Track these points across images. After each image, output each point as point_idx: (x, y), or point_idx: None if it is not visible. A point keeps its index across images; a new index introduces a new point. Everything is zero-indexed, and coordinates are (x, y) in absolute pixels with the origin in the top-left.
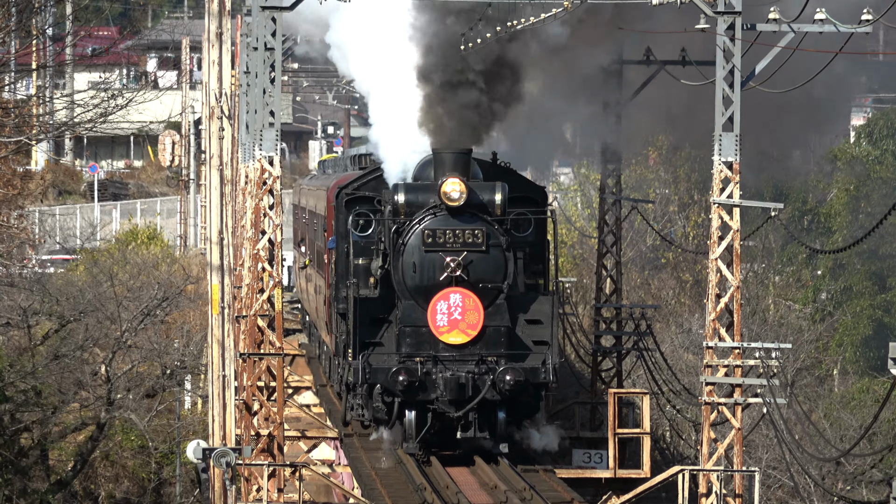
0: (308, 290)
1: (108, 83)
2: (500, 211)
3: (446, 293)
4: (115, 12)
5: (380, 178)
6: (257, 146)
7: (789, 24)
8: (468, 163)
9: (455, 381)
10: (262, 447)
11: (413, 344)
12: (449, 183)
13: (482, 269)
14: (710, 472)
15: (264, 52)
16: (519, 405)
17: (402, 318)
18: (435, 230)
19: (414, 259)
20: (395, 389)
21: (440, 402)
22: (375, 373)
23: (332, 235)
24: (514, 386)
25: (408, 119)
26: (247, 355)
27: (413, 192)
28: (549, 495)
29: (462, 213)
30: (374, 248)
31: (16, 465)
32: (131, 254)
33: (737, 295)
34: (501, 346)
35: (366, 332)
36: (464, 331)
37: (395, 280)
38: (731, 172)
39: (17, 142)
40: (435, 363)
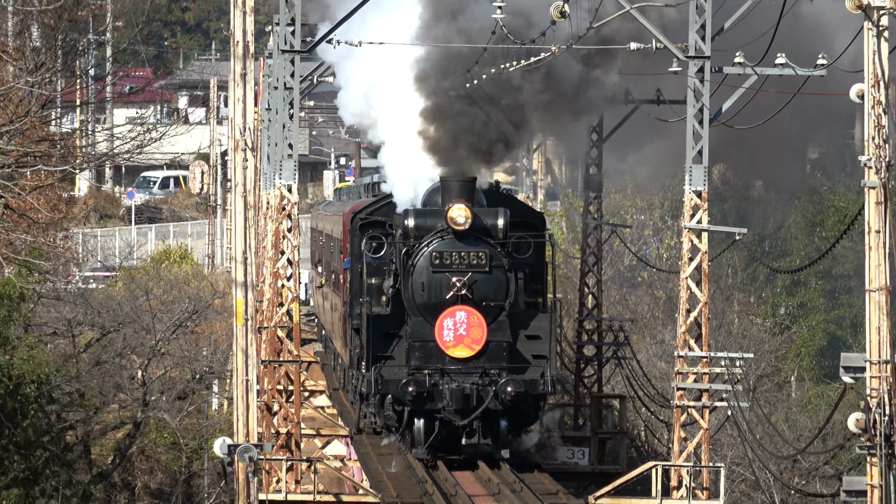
0: (325, 306)
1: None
2: (503, 235)
3: (452, 310)
4: (149, 55)
5: (391, 204)
6: (277, 175)
7: (752, 67)
8: (473, 190)
9: (460, 392)
10: (282, 444)
11: (422, 357)
12: (455, 209)
13: (486, 288)
14: (681, 467)
15: (284, 91)
16: (519, 414)
17: (412, 333)
18: (442, 252)
19: (423, 279)
20: (405, 399)
21: (447, 411)
22: (387, 384)
23: (347, 257)
24: (515, 397)
25: (416, 150)
26: (267, 362)
27: (422, 217)
28: (537, 487)
29: (467, 237)
30: (386, 269)
31: (62, 459)
32: (165, 271)
33: (705, 310)
34: (503, 360)
35: (378, 346)
36: (468, 345)
37: (405, 298)
38: (700, 200)
39: (63, 170)
40: (442, 375)
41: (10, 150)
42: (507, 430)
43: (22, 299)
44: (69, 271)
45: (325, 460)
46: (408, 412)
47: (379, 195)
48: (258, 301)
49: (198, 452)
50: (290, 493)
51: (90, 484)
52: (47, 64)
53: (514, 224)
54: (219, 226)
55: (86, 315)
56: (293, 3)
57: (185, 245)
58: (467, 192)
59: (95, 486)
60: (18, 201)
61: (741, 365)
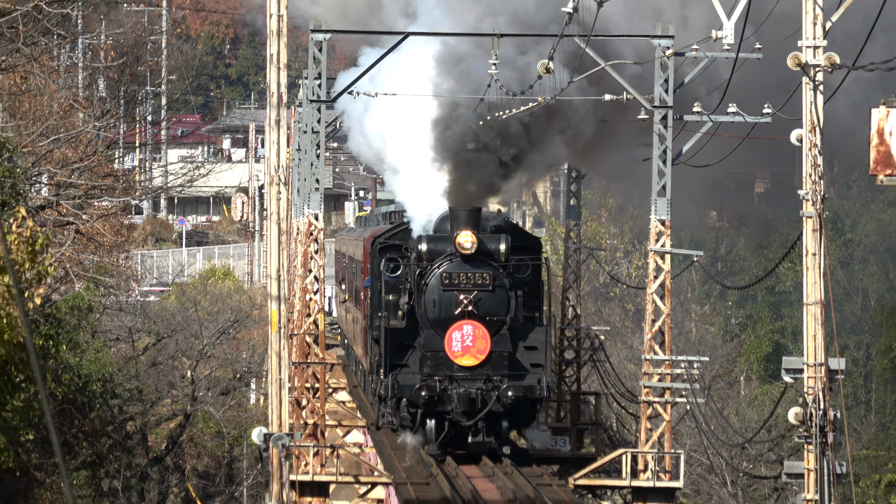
0: (347, 319)
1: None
2: (504, 258)
3: (460, 324)
4: (198, 104)
5: (406, 230)
6: (306, 205)
7: (709, 115)
8: (478, 218)
9: (467, 396)
10: (309, 433)
11: (433, 365)
12: (462, 235)
13: (489, 305)
14: (647, 453)
15: (311, 134)
16: (519, 416)
17: (424, 344)
18: (451, 273)
19: (434, 296)
20: (418, 402)
21: (455, 413)
22: (402, 389)
23: (368, 276)
24: (515, 400)
25: (429, 183)
26: (297, 364)
27: (433, 242)
28: (525, 470)
29: (473, 260)
30: (402, 287)
31: (123, 446)
32: (210, 287)
33: (667, 320)
34: (505, 368)
35: (395, 355)
36: (474, 355)
37: (418, 313)
38: (663, 227)
39: (125, 202)
40: (450, 381)
41: (80, 183)
42: (508, 430)
43: (90, 310)
44: (130, 287)
45: (345, 447)
46: (420, 413)
47: (395, 223)
48: (289, 312)
49: (238, 440)
50: (315, 474)
51: (147, 466)
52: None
53: (514, 248)
54: (256, 248)
55: (143, 323)
56: (319, 60)
57: (228, 265)
58: (473, 220)
59: (151, 468)
60: (87, 227)
61: (698, 367)
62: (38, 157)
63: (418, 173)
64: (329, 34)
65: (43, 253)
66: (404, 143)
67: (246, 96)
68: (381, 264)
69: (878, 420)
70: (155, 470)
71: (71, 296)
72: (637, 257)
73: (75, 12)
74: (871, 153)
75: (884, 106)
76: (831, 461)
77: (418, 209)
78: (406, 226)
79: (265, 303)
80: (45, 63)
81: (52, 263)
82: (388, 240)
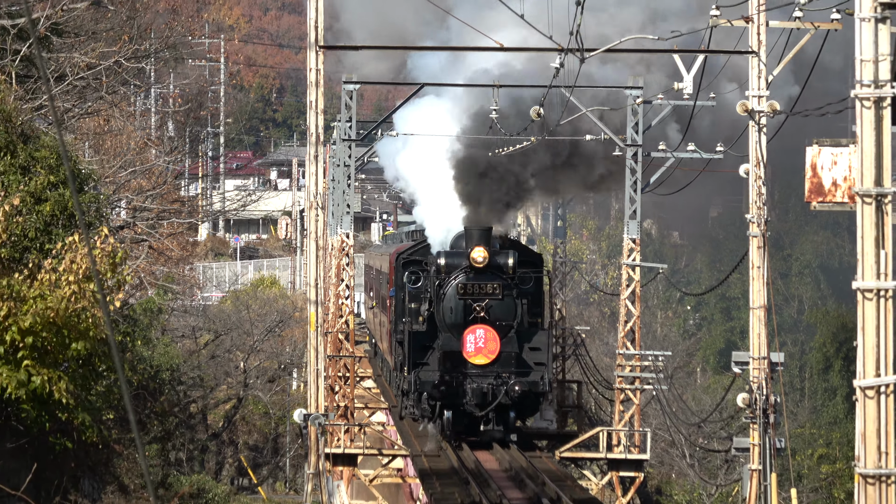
0: (374, 322)
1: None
2: (512, 271)
3: (474, 328)
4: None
5: (426, 247)
6: (339, 226)
7: (671, 152)
8: (489, 236)
9: (479, 391)
10: (341, 413)
11: (450, 364)
12: (476, 251)
13: (499, 311)
14: (619, 431)
15: (343, 167)
16: (524, 408)
17: (442, 345)
18: (466, 284)
19: (451, 304)
20: (437, 396)
21: (468, 405)
22: (423, 384)
23: (393, 287)
24: (521, 394)
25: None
26: (331, 356)
27: (450, 257)
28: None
29: (485, 273)
30: (423, 296)
31: (187, 423)
32: (260, 293)
33: (637, 322)
34: (512, 366)
35: (416, 355)
36: (486, 355)
37: (437, 319)
38: (634, 245)
39: (190, 223)
40: (465, 378)
41: (152, 207)
42: (515, 420)
43: (160, 312)
44: (193, 293)
45: (371, 425)
46: (439, 406)
47: (416, 241)
48: (325, 314)
49: (282, 419)
50: (346, 448)
51: (206, 441)
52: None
53: (520, 262)
54: (298, 261)
55: (204, 323)
56: (350, 106)
57: (274, 275)
58: (485, 238)
59: (210, 442)
60: (158, 244)
61: (662, 360)
62: (117, 186)
63: (437, 198)
64: (358, 85)
65: (122, 265)
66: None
67: (289, 136)
68: (405, 276)
69: (811, 404)
70: (213, 444)
71: (144, 300)
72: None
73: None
74: (805, 184)
75: (816, 144)
76: (772, 438)
77: (437, 229)
78: (425, 243)
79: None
80: (124, 108)
81: (129, 273)
82: (411, 255)
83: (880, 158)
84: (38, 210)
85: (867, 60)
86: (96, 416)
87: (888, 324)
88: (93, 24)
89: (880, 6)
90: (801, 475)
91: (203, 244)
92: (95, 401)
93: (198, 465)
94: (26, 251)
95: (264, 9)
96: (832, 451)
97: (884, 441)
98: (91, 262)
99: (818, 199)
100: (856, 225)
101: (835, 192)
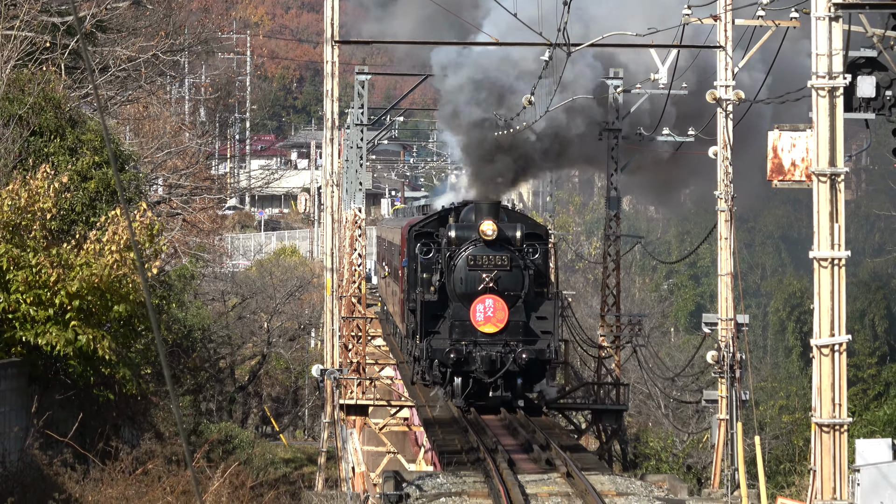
0: (387, 292)
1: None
2: (520, 243)
3: (483, 298)
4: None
5: (435, 220)
6: (353, 201)
7: (649, 135)
8: (498, 210)
9: (488, 358)
10: (354, 369)
11: (460, 332)
12: (485, 223)
13: (507, 282)
14: (603, 384)
15: (356, 149)
16: (531, 374)
17: (453, 314)
18: (476, 256)
19: (461, 275)
20: (447, 363)
21: (478, 372)
22: (434, 352)
23: (405, 258)
24: (528, 361)
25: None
26: (345, 318)
27: (461, 230)
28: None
29: (494, 244)
30: (434, 267)
31: (216, 377)
32: (282, 261)
33: (618, 286)
34: (520, 335)
35: (428, 323)
36: (494, 324)
37: (448, 289)
38: (615, 219)
39: (219, 198)
40: (474, 345)
41: (186, 185)
42: (522, 386)
43: (192, 278)
44: (222, 261)
45: (380, 379)
46: (449, 372)
47: (427, 214)
48: (340, 280)
49: (301, 374)
50: (358, 399)
51: (234, 393)
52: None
53: (526, 235)
54: (315, 233)
55: (232, 288)
56: (362, 94)
57: (295, 245)
58: (494, 211)
59: (237, 394)
60: (191, 217)
61: (640, 320)
62: (155, 166)
63: None
64: (369, 75)
65: (158, 236)
66: None
67: (308, 121)
68: (416, 248)
69: (772, 360)
70: (240, 395)
71: (179, 267)
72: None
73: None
74: (768, 164)
75: (777, 129)
76: (738, 391)
77: None
78: (435, 216)
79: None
80: (161, 96)
81: (165, 243)
82: (422, 228)
83: (834, 142)
84: (84, 187)
85: (822, 54)
86: (135, 370)
87: (841, 289)
88: (133, 22)
89: (834, 6)
90: (764, 424)
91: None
92: (135, 357)
93: (226, 415)
94: (73, 224)
95: (286, 7)
96: (791, 402)
97: (837, 394)
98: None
99: (779, 177)
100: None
101: (794, 171)
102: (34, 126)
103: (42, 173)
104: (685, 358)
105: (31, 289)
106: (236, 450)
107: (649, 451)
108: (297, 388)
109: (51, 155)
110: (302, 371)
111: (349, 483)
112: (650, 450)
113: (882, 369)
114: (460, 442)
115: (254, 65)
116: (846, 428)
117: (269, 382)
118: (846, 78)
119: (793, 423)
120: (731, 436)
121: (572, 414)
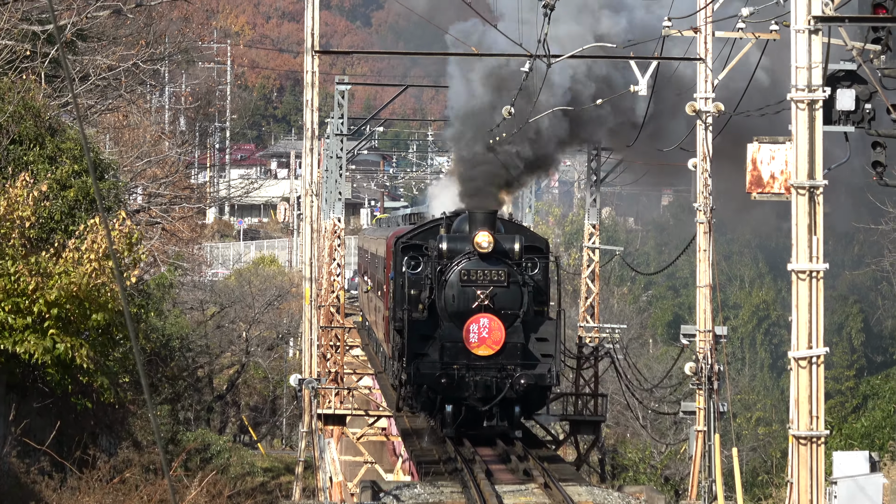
0: (370, 307)
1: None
2: (518, 256)
3: (477, 317)
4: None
5: (425, 231)
6: (332, 211)
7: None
8: (494, 220)
9: (483, 384)
10: (332, 378)
11: (452, 355)
12: (480, 235)
13: (504, 299)
14: (581, 395)
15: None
16: (530, 402)
17: (444, 335)
18: (469, 270)
19: (453, 291)
20: (438, 389)
21: (471, 398)
22: (423, 376)
23: (391, 272)
24: (527, 388)
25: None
26: (324, 327)
27: (453, 242)
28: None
29: (489, 258)
30: (423, 283)
31: (195, 386)
32: (260, 270)
33: (597, 297)
34: (518, 358)
35: (416, 345)
36: (490, 346)
37: (438, 307)
38: (594, 230)
39: (199, 207)
40: (468, 370)
41: (165, 193)
42: (520, 415)
43: (171, 287)
44: (201, 270)
45: (358, 389)
46: (440, 399)
47: (416, 224)
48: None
49: (279, 383)
50: (336, 409)
51: (212, 402)
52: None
53: (525, 248)
54: (294, 242)
55: (211, 297)
56: (342, 104)
57: (274, 254)
58: (490, 222)
59: (215, 403)
60: (170, 226)
61: (618, 332)
62: (134, 174)
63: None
64: (349, 85)
65: (137, 244)
66: None
67: (288, 130)
68: (404, 261)
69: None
70: (218, 405)
71: (157, 276)
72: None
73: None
74: (747, 176)
75: (756, 141)
76: (716, 402)
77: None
78: (425, 228)
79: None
80: (141, 105)
81: (143, 252)
82: (410, 240)
83: (813, 154)
84: (64, 195)
85: (801, 67)
86: (113, 379)
87: (819, 302)
88: (113, 31)
89: (813, 19)
90: (741, 436)
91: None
92: (113, 366)
93: (204, 424)
94: (52, 232)
95: (266, 17)
96: (767, 414)
97: (815, 406)
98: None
99: (758, 189)
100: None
101: (773, 184)
102: (14, 134)
103: (21, 182)
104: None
105: (10, 297)
106: (214, 458)
107: (627, 462)
108: (276, 397)
109: (30, 163)
110: (280, 380)
111: (326, 493)
112: (628, 461)
113: (859, 382)
114: (438, 452)
115: (234, 74)
116: (823, 440)
117: (248, 391)
118: (825, 91)
119: (770, 435)
120: (709, 447)
121: (550, 424)
